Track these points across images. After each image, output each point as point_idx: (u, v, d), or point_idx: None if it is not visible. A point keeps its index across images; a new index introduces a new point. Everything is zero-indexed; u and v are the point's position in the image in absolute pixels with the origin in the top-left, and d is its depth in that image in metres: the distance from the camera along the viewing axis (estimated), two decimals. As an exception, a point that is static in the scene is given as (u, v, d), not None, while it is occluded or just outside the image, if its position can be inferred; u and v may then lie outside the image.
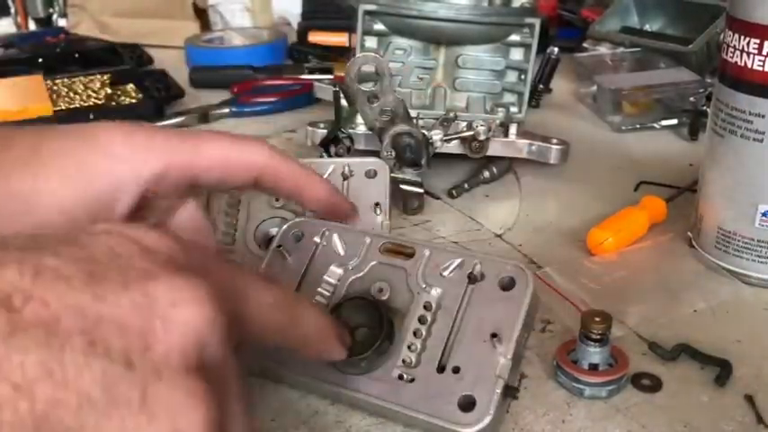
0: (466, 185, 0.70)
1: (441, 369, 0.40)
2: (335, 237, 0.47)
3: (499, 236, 0.63)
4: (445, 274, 0.43)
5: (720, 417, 0.42)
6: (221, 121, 0.92)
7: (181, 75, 1.02)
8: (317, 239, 0.47)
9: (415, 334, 0.42)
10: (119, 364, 0.24)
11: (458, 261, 0.43)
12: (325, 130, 0.70)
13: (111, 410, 0.23)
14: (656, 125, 0.86)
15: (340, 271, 0.45)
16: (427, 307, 0.42)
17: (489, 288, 0.42)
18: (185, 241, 0.30)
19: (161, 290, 0.26)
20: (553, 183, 0.72)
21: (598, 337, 0.44)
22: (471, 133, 0.67)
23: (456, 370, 0.40)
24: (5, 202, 0.38)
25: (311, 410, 0.43)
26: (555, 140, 0.71)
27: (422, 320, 0.42)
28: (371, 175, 0.59)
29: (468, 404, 0.38)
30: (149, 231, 0.29)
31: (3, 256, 0.25)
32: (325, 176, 0.55)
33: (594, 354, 0.44)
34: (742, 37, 0.50)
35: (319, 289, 0.45)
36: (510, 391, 0.39)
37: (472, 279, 0.43)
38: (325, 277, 0.45)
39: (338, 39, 1.10)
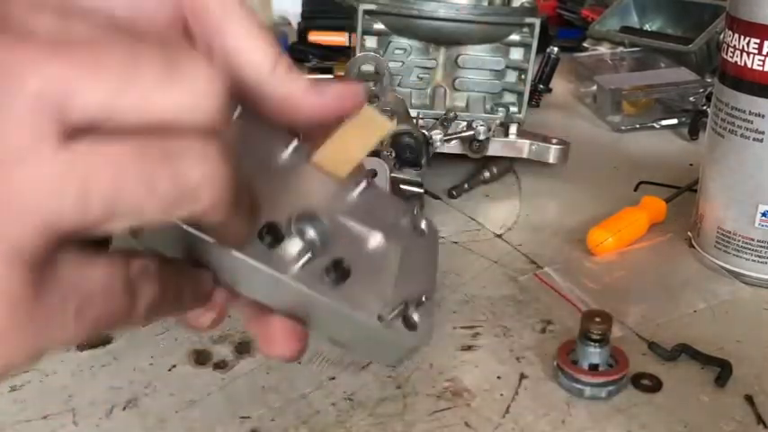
0: (466, 185, 0.70)
1: None
2: None
3: (499, 236, 0.63)
4: None
5: (720, 417, 0.42)
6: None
7: (181, 74, 1.02)
8: None
9: None
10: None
11: None
12: (325, 130, 0.70)
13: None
14: (656, 125, 0.86)
15: None
16: None
17: None
18: None
19: None
20: (553, 183, 0.72)
21: (598, 337, 0.44)
22: (471, 133, 0.67)
23: None
24: None
25: (311, 410, 0.43)
26: (555, 140, 0.71)
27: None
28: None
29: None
30: None
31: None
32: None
33: (594, 354, 0.44)
34: (742, 37, 0.50)
35: None
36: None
37: None
38: None
39: (338, 38, 1.10)
